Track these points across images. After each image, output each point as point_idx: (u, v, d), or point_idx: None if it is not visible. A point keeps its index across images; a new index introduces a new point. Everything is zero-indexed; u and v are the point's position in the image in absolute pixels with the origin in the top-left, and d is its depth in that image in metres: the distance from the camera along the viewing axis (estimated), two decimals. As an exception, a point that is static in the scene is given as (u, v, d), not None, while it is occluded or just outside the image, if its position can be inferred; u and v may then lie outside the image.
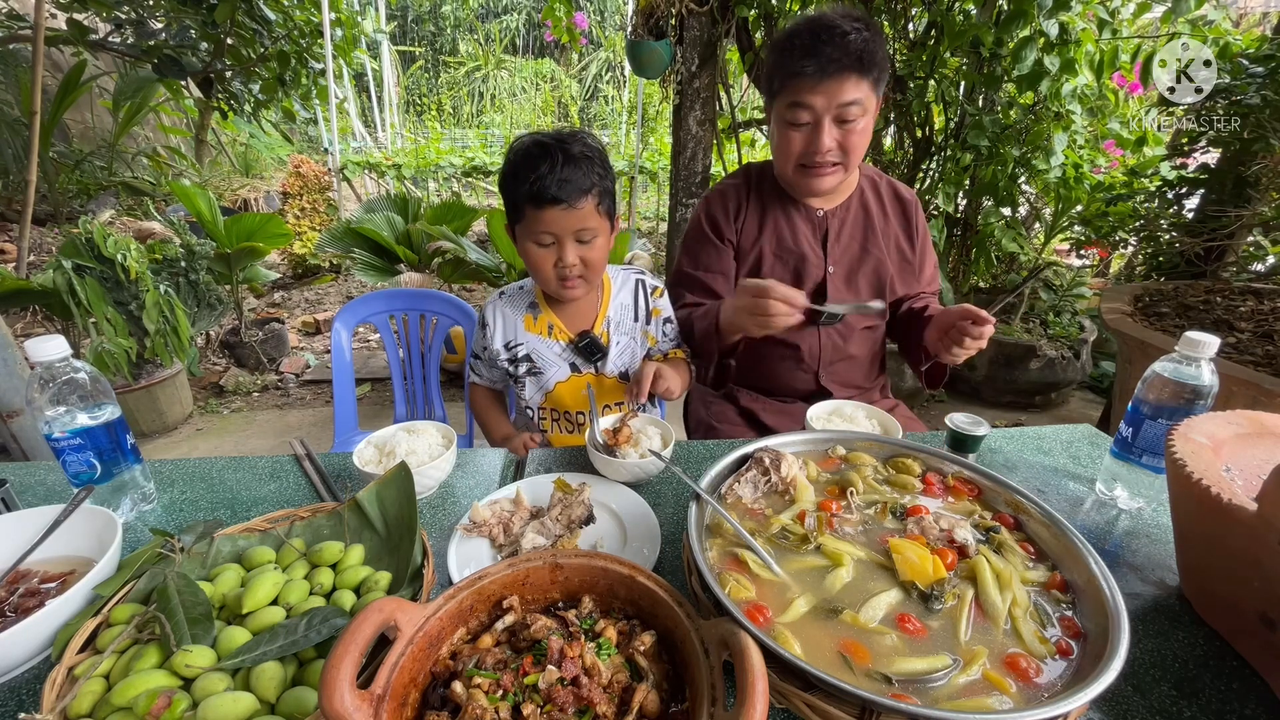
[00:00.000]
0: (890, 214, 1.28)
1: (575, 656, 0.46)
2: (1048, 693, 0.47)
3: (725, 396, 1.37)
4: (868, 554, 0.62)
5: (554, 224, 1.00)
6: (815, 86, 1.02)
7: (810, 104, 1.04)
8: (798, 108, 1.06)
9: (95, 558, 0.64)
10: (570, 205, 0.98)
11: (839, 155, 1.09)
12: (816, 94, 1.03)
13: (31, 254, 3.53)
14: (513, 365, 1.21)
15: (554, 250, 1.04)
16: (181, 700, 0.48)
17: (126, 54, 4.12)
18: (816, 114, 1.05)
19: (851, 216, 1.25)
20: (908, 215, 1.29)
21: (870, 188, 1.28)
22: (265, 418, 3.01)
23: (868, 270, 1.26)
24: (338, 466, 0.94)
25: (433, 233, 3.41)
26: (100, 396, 0.76)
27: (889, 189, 1.29)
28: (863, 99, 1.03)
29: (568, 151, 0.98)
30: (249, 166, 6.27)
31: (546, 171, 0.97)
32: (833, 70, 1.00)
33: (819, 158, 1.08)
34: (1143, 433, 0.78)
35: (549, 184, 0.97)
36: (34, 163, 2.86)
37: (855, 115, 1.04)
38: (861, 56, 1.00)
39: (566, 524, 0.76)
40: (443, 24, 10.15)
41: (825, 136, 1.06)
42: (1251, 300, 2.14)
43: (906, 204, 1.29)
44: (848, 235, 1.25)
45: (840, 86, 1.02)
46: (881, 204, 1.28)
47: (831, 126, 1.06)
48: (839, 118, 1.05)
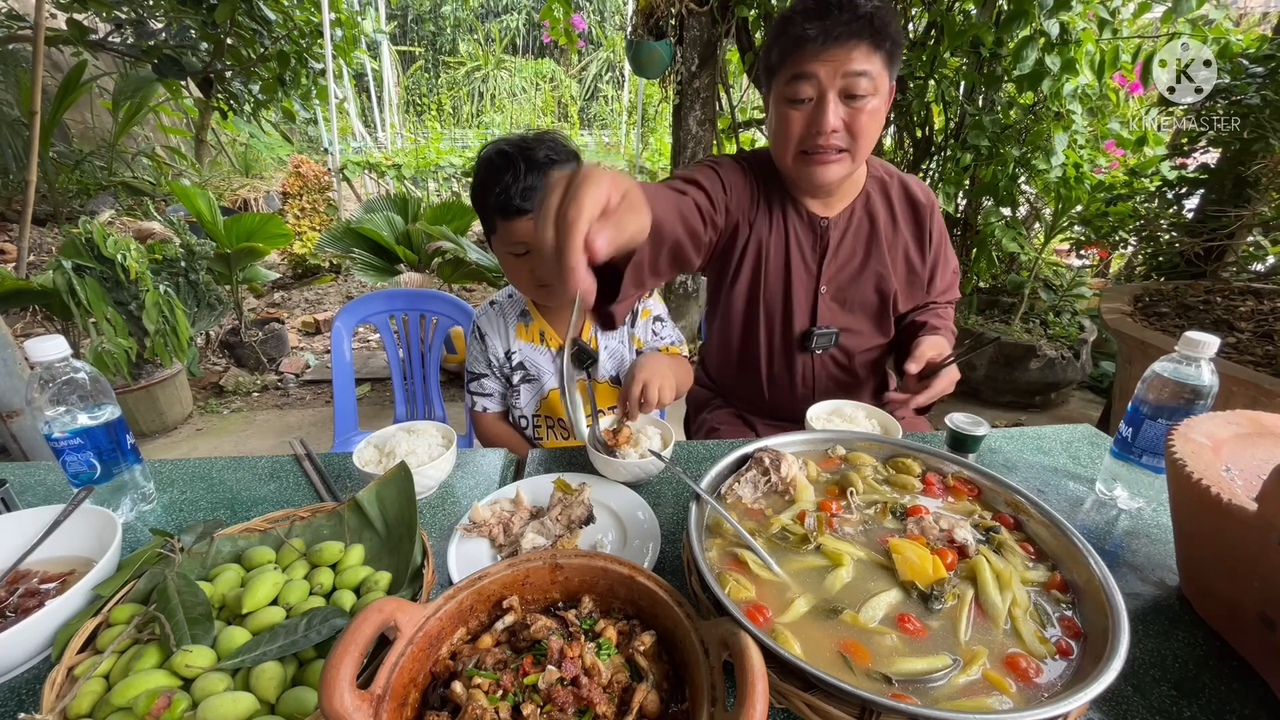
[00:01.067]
0: (900, 220, 1.14)
1: (575, 656, 0.46)
2: (1048, 693, 0.47)
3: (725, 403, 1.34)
4: (868, 554, 0.62)
5: (524, 233, 0.98)
6: (820, 53, 0.90)
7: (814, 73, 0.92)
8: (799, 80, 0.93)
9: (95, 558, 0.64)
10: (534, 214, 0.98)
11: (845, 139, 0.96)
12: (821, 61, 0.91)
13: (31, 254, 3.53)
14: (509, 373, 1.21)
15: (529, 260, 1.02)
16: (181, 700, 0.48)
17: (126, 54, 4.12)
18: (820, 85, 0.92)
19: (854, 227, 1.12)
20: (920, 220, 1.15)
21: (879, 190, 1.14)
22: (265, 418, 3.01)
23: (866, 289, 1.14)
24: (338, 466, 0.94)
25: (433, 233, 3.41)
26: (100, 396, 0.76)
27: (900, 191, 1.15)
28: (873, 72, 0.92)
29: (531, 158, 0.96)
30: (249, 166, 6.26)
31: (510, 181, 0.95)
32: (840, 35, 0.89)
33: (823, 139, 0.95)
34: (1143, 433, 0.78)
35: (514, 194, 0.95)
36: (34, 163, 2.86)
37: (865, 90, 0.92)
38: (873, 21, 0.89)
39: (566, 524, 0.76)
40: (443, 24, 10.15)
41: (830, 114, 0.93)
42: (1251, 300, 2.14)
43: (920, 207, 1.15)
44: (847, 250, 1.13)
45: (848, 54, 0.90)
46: (891, 209, 1.14)
47: (837, 102, 0.93)
48: (846, 91, 0.92)
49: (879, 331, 1.19)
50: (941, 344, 1.06)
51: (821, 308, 1.14)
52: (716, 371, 1.35)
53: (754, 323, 1.17)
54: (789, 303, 1.14)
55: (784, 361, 1.19)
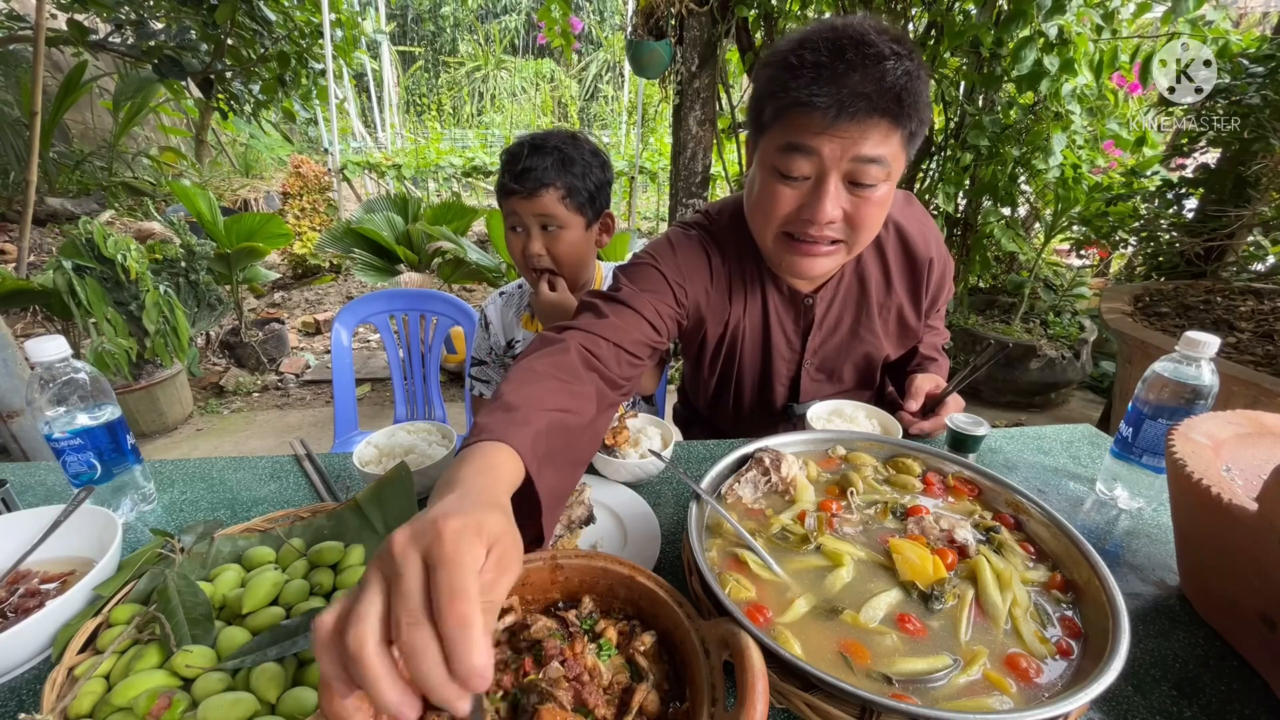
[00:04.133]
0: (896, 279, 0.99)
1: (578, 653, 0.46)
2: (1048, 693, 0.47)
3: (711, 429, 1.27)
4: (868, 554, 0.62)
5: (518, 209, 1.07)
6: (827, 128, 0.70)
7: (816, 149, 0.72)
8: (796, 153, 0.74)
9: (95, 558, 0.64)
10: (528, 194, 1.04)
11: (843, 231, 0.79)
12: (826, 138, 0.71)
13: (31, 254, 3.53)
14: (509, 364, 1.22)
15: (523, 237, 1.10)
16: (181, 700, 0.48)
17: (126, 54, 4.12)
18: (822, 166, 0.74)
19: (842, 295, 0.98)
20: (917, 276, 0.99)
21: (874, 249, 0.96)
22: (265, 418, 3.01)
23: (854, 357, 1.03)
24: (338, 466, 0.94)
25: (433, 233, 3.42)
26: (100, 397, 0.76)
27: (898, 248, 0.98)
28: (889, 157, 0.73)
29: (539, 146, 1.05)
30: (249, 167, 6.27)
31: (513, 165, 1.05)
32: (856, 109, 0.69)
33: (814, 230, 0.78)
34: (1143, 433, 0.78)
35: (512, 174, 1.05)
36: (34, 163, 2.86)
37: (876, 179, 0.74)
38: (900, 96, 0.69)
39: (566, 524, 0.76)
40: (443, 24, 10.15)
41: (829, 202, 0.75)
42: (1251, 300, 2.14)
43: (918, 264, 0.98)
44: (833, 320, 0.99)
45: (863, 134, 0.71)
46: (885, 267, 0.98)
47: (840, 189, 0.75)
48: (852, 177, 0.74)
49: (864, 387, 1.12)
50: (934, 377, 1.02)
51: (805, 382, 1.04)
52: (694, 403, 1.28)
53: (725, 396, 1.11)
54: (768, 380, 1.04)
55: (764, 420, 1.12)
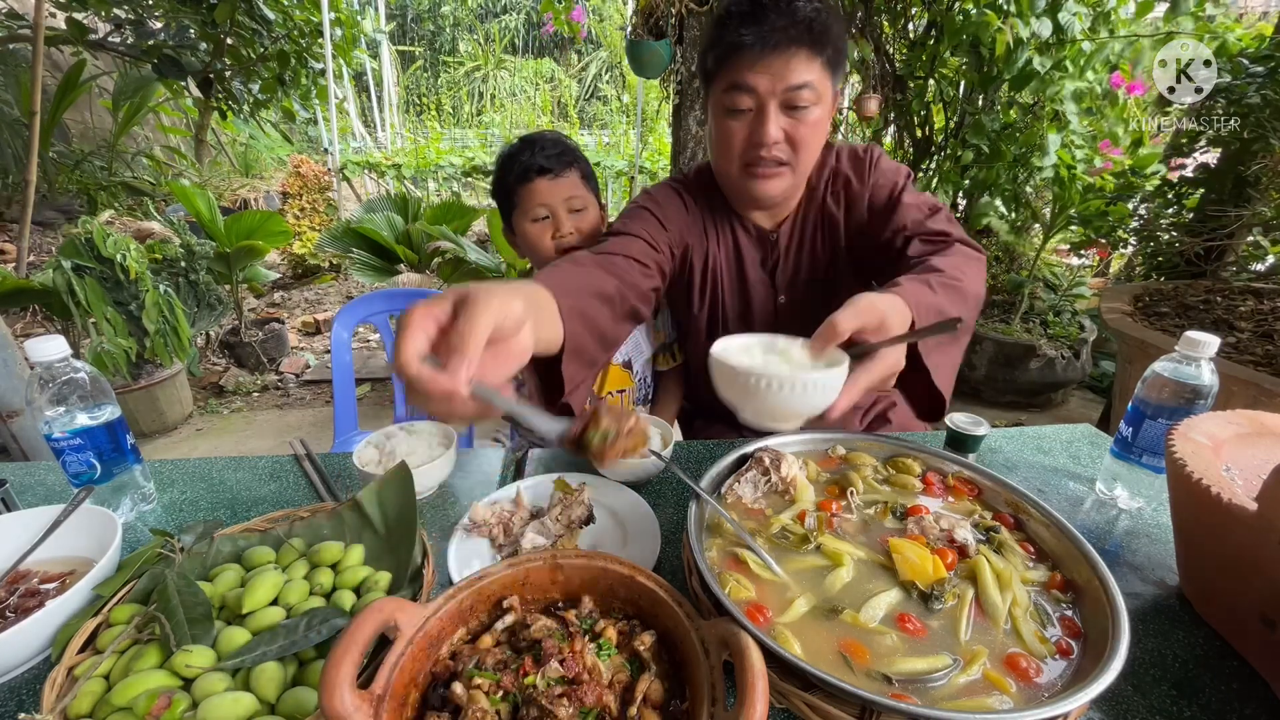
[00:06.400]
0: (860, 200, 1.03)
1: (579, 651, 0.46)
2: (1048, 692, 0.47)
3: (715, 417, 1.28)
4: (868, 554, 0.62)
5: (545, 194, 1.07)
6: (756, 62, 0.85)
7: (752, 85, 0.86)
8: (737, 90, 0.88)
9: (95, 558, 0.64)
10: (556, 174, 1.07)
11: (786, 151, 0.91)
12: (759, 72, 0.85)
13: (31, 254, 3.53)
14: None
15: (550, 224, 1.10)
16: (181, 700, 0.48)
17: (126, 54, 4.11)
18: (759, 98, 0.87)
19: (801, 228, 1.06)
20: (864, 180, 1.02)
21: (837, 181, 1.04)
22: (265, 418, 3.01)
23: (827, 292, 1.07)
24: (338, 466, 0.94)
25: (432, 233, 3.41)
26: (100, 396, 0.76)
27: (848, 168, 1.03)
28: (815, 82, 0.86)
29: (545, 139, 1.10)
30: (249, 166, 6.26)
31: (529, 155, 1.07)
32: (777, 41, 0.83)
33: (764, 151, 0.90)
34: (1143, 432, 0.78)
35: (535, 160, 1.06)
36: (34, 163, 2.86)
37: (807, 101, 0.87)
38: (812, 26, 0.84)
39: (566, 524, 0.76)
40: (442, 24, 10.16)
41: (771, 125, 0.88)
42: (1251, 300, 2.14)
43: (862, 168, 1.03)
44: (796, 253, 1.06)
45: (787, 64, 0.84)
46: (838, 193, 1.04)
47: (778, 114, 0.88)
48: (786, 103, 0.87)
49: None
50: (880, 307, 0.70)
51: (784, 318, 1.09)
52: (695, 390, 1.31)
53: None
54: (749, 316, 1.10)
55: None
